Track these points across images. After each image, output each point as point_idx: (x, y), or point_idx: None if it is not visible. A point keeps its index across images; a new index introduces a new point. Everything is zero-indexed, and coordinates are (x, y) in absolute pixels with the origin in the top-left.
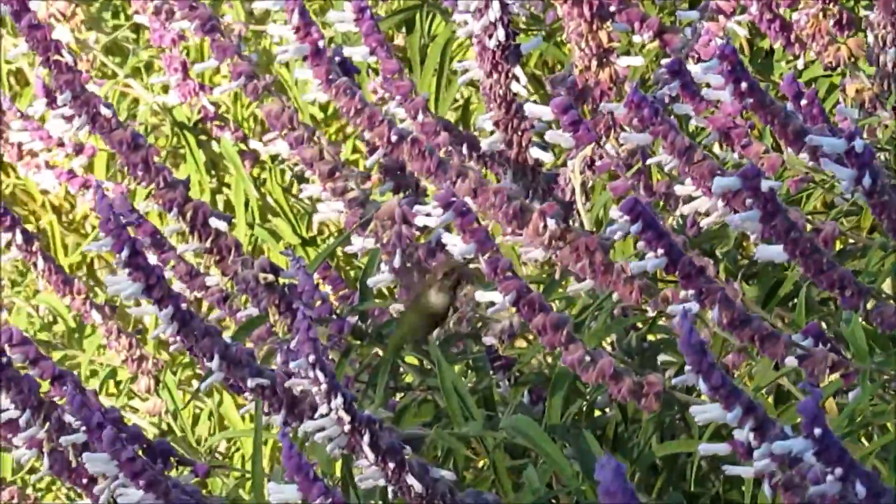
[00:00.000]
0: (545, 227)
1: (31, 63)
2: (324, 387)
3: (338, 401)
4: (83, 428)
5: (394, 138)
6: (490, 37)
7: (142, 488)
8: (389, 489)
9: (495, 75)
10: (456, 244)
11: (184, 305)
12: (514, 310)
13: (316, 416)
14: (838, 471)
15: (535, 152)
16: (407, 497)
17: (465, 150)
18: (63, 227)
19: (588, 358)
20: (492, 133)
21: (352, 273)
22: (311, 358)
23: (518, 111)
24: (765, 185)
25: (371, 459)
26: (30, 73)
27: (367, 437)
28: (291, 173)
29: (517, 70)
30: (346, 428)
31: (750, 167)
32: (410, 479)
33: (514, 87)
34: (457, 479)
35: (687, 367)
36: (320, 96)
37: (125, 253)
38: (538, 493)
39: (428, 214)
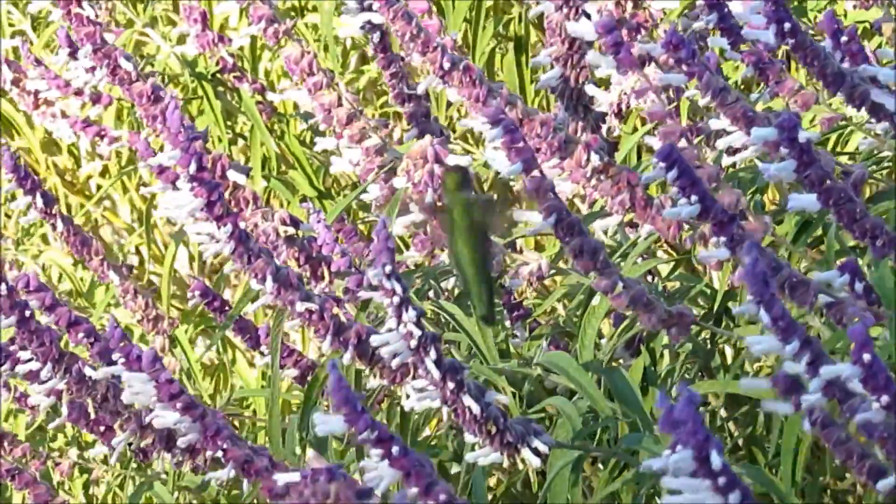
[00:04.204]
0: (588, 160)
1: (36, 24)
2: (397, 298)
3: (410, 314)
4: (121, 360)
5: (446, 65)
6: None
7: (178, 411)
8: (444, 410)
9: (565, 10)
10: (501, 162)
11: (242, 224)
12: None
13: (383, 330)
14: (885, 398)
15: (590, 89)
16: (462, 419)
17: None
18: (67, 189)
19: (621, 284)
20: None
21: (362, 228)
22: (388, 269)
23: (580, 48)
24: (802, 136)
25: (435, 377)
26: (32, 34)
27: (432, 354)
28: (307, 126)
29: (588, 5)
30: (413, 343)
31: (787, 117)
32: (468, 400)
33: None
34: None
35: (749, 297)
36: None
37: (193, 167)
38: (578, 428)
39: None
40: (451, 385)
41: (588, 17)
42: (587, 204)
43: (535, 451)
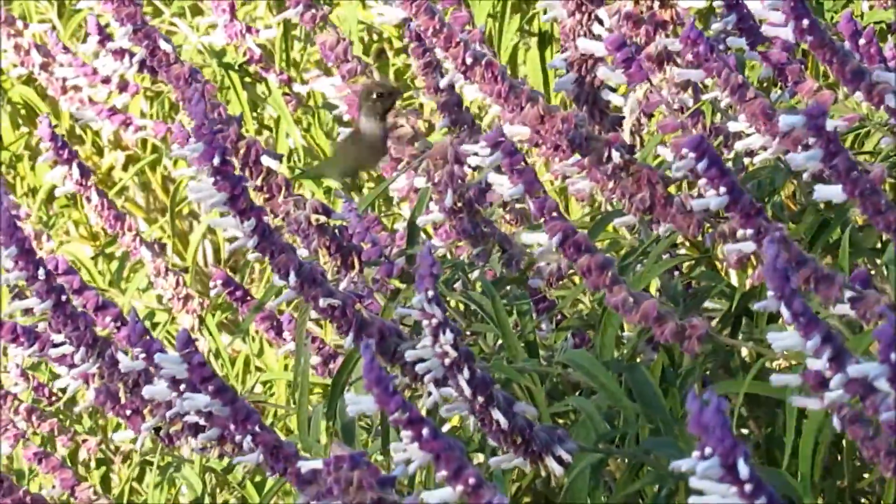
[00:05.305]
0: (609, 157)
1: (62, 12)
2: (435, 321)
3: (447, 336)
4: (143, 356)
5: (469, 60)
6: None
7: (209, 394)
8: (471, 420)
9: (578, 15)
10: (503, 184)
11: (266, 219)
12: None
13: (418, 346)
14: None
15: (605, 94)
16: (488, 430)
17: None
18: None
19: (631, 300)
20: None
21: (384, 220)
22: (430, 294)
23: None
24: (829, 124)
25: (468, 394)
26: (59, 23)
27: (466, 372)
28: (332, 116)
29: (601, 11)
30: (447, 361)
31: (815, 106)
32: (496, 414)
33: (596, 28)
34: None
35: (769, 293)
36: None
37: (216, 160)
38: (599, 428)
39: (476, 154)
40: (480, 399)
41: (601, 22)
42: (605, 199)
43: (559, 459)
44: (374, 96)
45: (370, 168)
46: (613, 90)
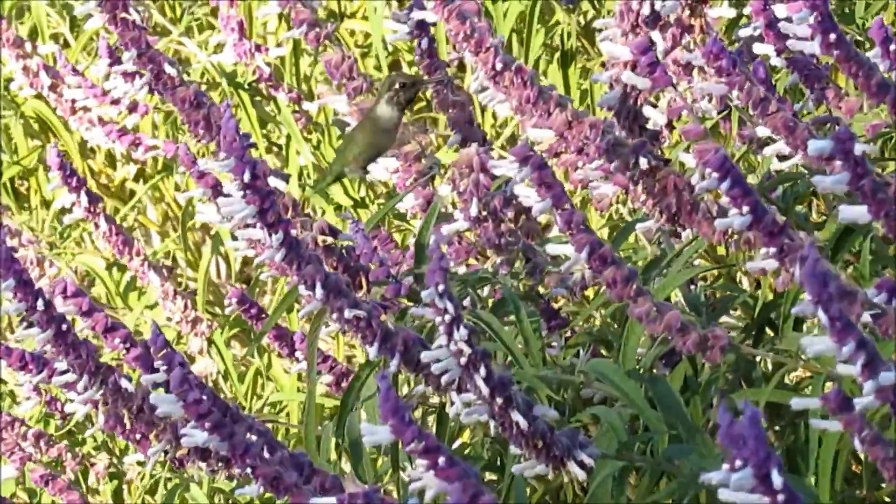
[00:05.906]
0: (636, 163)
1: (75, 26)
2: (448, 317)
3: (461, 332)
4: (163, 368)
5: (499, 65)
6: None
7: (206, 430)
8: (492, 424)
9: (631, 36)
10: (530, 197)
11: (293, 232)
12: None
13: (433, 346)
14: None
15: (646, 111)
16: (509, 433)
17: None
18: (102, 192)
19: (655, 310)
20: None
21: (397, 236)
22: (441, 288)
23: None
24: (857, 148)
25: (485, 393)
26: (70, 37)
27: (482, 371)
28: (341, 134)
29: (655, 34)
30: (463, 360)
31: (843, 130)
32: (516, 416)
33: None
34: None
35: (807, 297)
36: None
37: (247, 175)
38: (622, 437)
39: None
40: (499, 401)
41: (653, 44)
42: (627, 210)
43: (581, 464)
44: (398, 86)
45: (383, 152)
46: (655, 106)
